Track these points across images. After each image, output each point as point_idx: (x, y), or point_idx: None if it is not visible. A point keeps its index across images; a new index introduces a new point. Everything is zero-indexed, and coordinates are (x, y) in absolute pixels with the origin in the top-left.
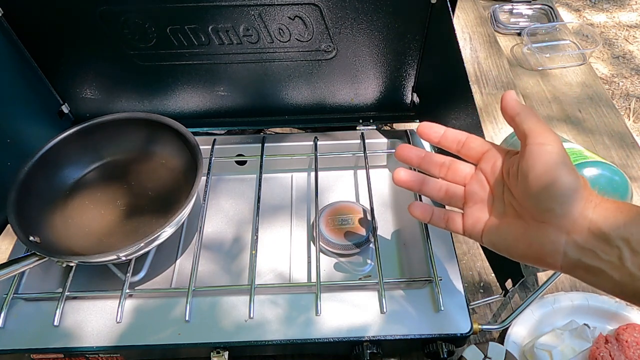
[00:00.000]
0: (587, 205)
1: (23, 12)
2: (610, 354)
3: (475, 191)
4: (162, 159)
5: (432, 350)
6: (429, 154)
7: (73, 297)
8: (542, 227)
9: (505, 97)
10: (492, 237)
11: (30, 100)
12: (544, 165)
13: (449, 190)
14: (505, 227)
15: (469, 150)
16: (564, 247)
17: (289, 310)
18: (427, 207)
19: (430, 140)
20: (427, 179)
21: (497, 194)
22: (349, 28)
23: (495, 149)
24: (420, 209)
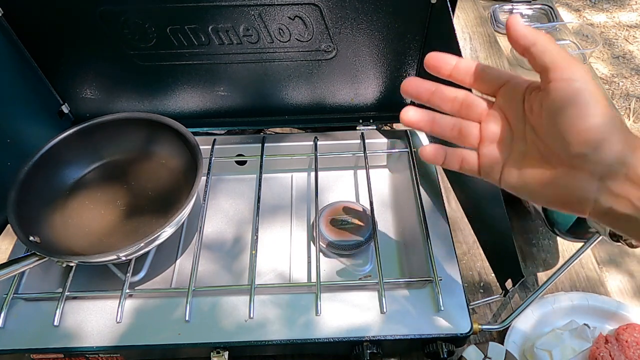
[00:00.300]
0: (625, 149)
1: (23, 12)
2: (610, 354)
3: (492, 129)
4: (162, 159)
5: (432, 350)
6: (440, 87)
7: (73, 297)
8: (572, 173)
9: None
10: (512, 180)
11: (30, 100)
12: (573, 106)
13: (463, 128)
14: (528, 171)
15: (484, 83)
16: (595, 195)
17: (289, 310)
18: (439, 148)
19: (440, 73)
20: (438, 117)
21: (518, 132)
22: (349, 28)
23: (515, 81)
24: (431, 151)
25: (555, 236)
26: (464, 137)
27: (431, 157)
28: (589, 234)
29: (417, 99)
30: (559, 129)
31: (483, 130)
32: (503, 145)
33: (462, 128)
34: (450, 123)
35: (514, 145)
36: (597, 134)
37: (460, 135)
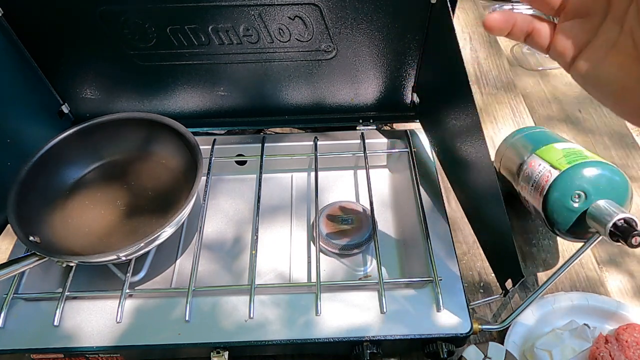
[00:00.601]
0: None
1: (23, 12)
2: (610, 354)
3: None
4: (162, 159)
5: (432, 350)
6: None
7: (73, 297)
8: None
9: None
10: (587, 70)
11: (30, 100)
12: None
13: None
14: (612, 67)
15: None
16: None
17: (289, 310)
18: (509, 16)
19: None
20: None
21: (617, 11)
22: (349, 28)
23: None
24: (498, 18)
25: (555, 236)
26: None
27: (496, 23)
28: (589, 234)
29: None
30: None
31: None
32: (591, 24)
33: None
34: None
35: (606, 27)
36: None
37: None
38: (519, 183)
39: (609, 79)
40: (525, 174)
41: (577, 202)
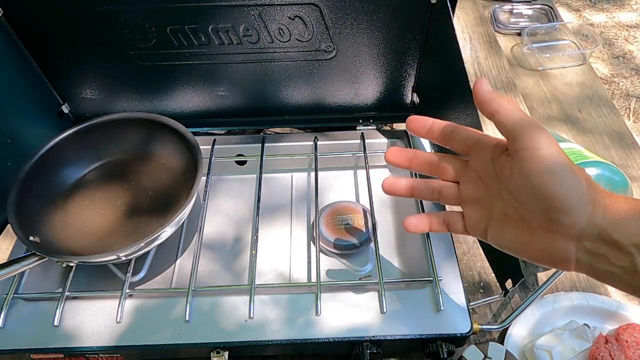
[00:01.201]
0: (595, 211)
1: (23, 12)
2: (610, 354)
3: (469, 190)
4: (162, 159)
5: (432, 350)
6: (417, 153)
7: (73, 297)
8: (549, 236)
9: (477, 89)
10: (497, 239)
11: (30, 100)
12: (540, 175)
13: (443, 191)
14: (511, 231)
15: (456, 144)
16: (575, 254)
17: (289, 310)
18: (423, 219)
19: (419, 134)
20: (417, 183)
21: (495, 192)
22: (349, 28)
23: (483, 142)
24: (415, 223)
25: None
26: (445, 199)
27: (414, 227)
28: None
29: (399, 167)
30: (529, 195)
31: (462, 190)
32: (484, 205)
33: (442, 190)
34: (430, 187)
35: (494, 204)
36: (566, 199)
37: (442, 198)
38: None
39: (512, 241)
40: None
41: None
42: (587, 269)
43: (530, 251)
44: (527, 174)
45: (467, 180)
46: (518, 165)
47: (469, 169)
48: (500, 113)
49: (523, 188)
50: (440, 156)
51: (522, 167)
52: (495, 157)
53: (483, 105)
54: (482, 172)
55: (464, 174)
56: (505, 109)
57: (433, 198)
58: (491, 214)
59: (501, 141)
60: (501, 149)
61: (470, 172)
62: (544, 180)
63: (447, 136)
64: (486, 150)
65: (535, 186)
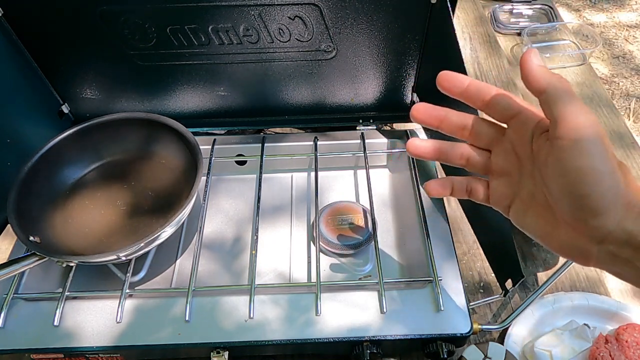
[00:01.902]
0: (627, 215)
1: (23, 12)
2: (610, 354)
3: (500, 162)
4: (162, 159)
5: (432, 350)
6: (448, 114)
7: (73, 297)
8: (574, 233)
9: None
10: (519, 220)
11: (30, 100)
12: (577, 172)
13: (471, 158)
14: (534, 216)
15: (495, 111)
16: (596, 254)
17: (289, 310)
18: (446, 181)
19: (452, 92)
20: (445, 146)
21: (527, 171)
22: (349, 28)
23: (525, 115)
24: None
25: None
26: (472, 166)
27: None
28: None
29: (427, 125)
30: (562, 188)
31: (493, 161)
32: (512, 181)
33: (471, 157)
34: (458, 152)
35: (523, 183)
36: (600, 201)
37: (469, 165)
38: None
39: (532, 226)
40: None
41: None
42: (607, 268)
43: (550, 241)
44: (564, 166)
45: (500, 150)
46: (556, 154)
47: (504, 140)
48: (548, 92)
49: (556, 179)
50: (475, 119)
51: (560, 158)
52: (536, 136)
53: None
54: (518, 147)
55: (498, 144)
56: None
57: (460, 164)
58: (518, 193)
59: (545, 120)
60: (543, 128)
61: (505, 142)
62: (580, 178)
63: (486, 101)
64: (527, 125)
65: (570, 181)
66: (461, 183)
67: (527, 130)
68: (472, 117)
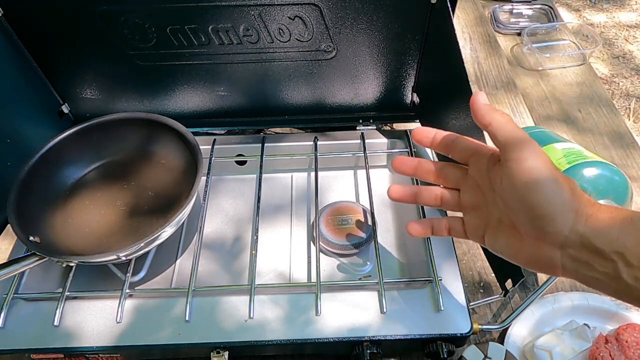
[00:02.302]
0: (578, 220)
1: (23, 12)
2: (610, 354)
3: (468, 198)
4: (162, 159)
5: (432, 350)
6: (420, 162)
7: (73, 297)
8: (536, 243)
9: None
10: (492, 245)
11: (30, 100)
12: (524, 185)
13: (444, 198)
14: (504, 237)
15: (456, 153)
16: (560, 260)
17: (289, 310)
18: (425, 223)
19: (423, 144)
20: (420, 190)
21: (491, 200)
22: (349, 28)
23: (481, 151)
24: (418, 228)
25: None
26: (446, 205)
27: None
28: None
29: (405, 174)
30: (516, 204)
31: (462, 197)
32: (481, 212)
33: (444, 197)
34: (432, 194)
35: (491, 212)
36: (548, 208)
37: (443, 204)
38: None
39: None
40: None
41: None
42: (574, 274)
43: (520, 256)
44: (514, 183)
45: (467, 188)
46: (507, 175)
47: (468, 177)
48: (492, 125)
49: (511, 197)
50: (442, 165)
51: (510, 177)
52: (490, 167)
53: (478, 117)
54: (480, 181)
55: (464, 182)
56: (497, 122)
57: (435, 204)
58: (488, 221)
59: (496, 151)
60: (495, 159)
61: (469, 180)
62: (528, 190)
63: (449, 146)
64: (483, 159)
65: (521, 195)
66: (439, 222)
67: (483, 164)
68: (440, 164)
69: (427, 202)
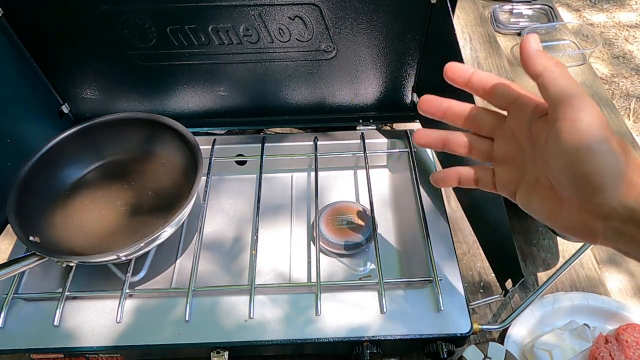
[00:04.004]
0: (629, 192)
1: (23, 12)
2: (610, 354)
3: (503, 149)
4: (162, 159)
5: (432, 350)
6: (452, 103)
7: (73, 297)
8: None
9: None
10: (525, 204)
11: (30, 100)
12: (575, 151)
13: (475, 146)
14: (540, 199)
15: (495, 99)
16: (602, 231)
17: (289, 310)
18: (452, 172)
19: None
20: (449, 135)
21: (529, 155)
22: (349, 28)
23: (523, 101)
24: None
25: (555, 236)
26: (476, 155)
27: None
28: None
29: (432, 116)
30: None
31: (496, 148)
32: (516, 166)
33: (474, 145)
34: (462, 141)
35: (527, 168)
36: (600, 179)
37: (473, 154)
38: None
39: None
40: None
41: None
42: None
43: (557, 222)
44: (562, 146)
45: (502, 138)
46: (555, 135)
47: (505, 127)
48: (544, 76)
49: (557, 160)
50: (476, 109)
51: (559, 138)
52: (534, 120)
53: (527, 64)
54: (518, 133)
55: (499, 131)
56: (550, 72)
57: (464, 152)
58: (522, 177)
59: (542, 103)
60: (541, 112)
61: (505, 129)
62: (578, 157)
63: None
64: (525, 110)
65: (570, 161)
66: (468, 172)
67: (525, 115)
68: (474, 107)
69: (457, 148)
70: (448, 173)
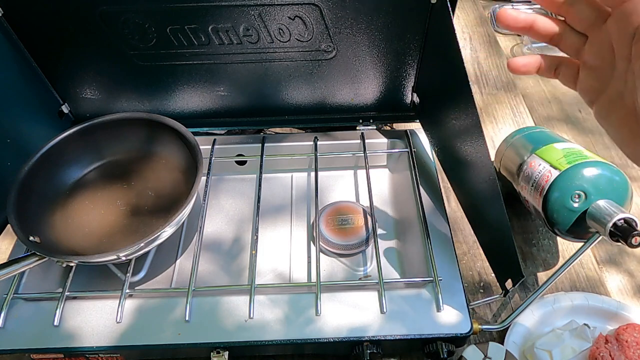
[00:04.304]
0: None
1: (23, 12)
2: (610, 354)
3: (594, 52)
4: (162, 159)
5: (432, 350)
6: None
7: (73, 297)
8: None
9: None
10: (602, 118)
11: (30, 100)
12: None
13: (566, 37)
14: (619, 118)
15: None
16: None
17: (289, 310)
18: (534, 59)
19: None
20: (539, 19)
21: (620, 69)
22: (349, 28)
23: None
24: (525, 63)
25: (555, 236)
26: (564, 45)
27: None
28: (589, 234)
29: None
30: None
31: (587, 49)
32: (602, 75)
33: (565, 35)
34: (552, 28)
35: (614, 82)
36: None
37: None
38: (519, 183)
39: (614, 129)
40: (525, 174)
41: (577, 202)
42: None
43: (629, 147)
44: None
45: (597, 40)
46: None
47: (603, 30)
48: None
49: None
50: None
51: None
52: (638, 38)
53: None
54: (617, 43)
55: (596, 32)
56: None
57: (552, 41)
58: (606, 90)
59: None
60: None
61: (603, 33)
62: None
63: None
64: (632, 20)
65: None
66: (551, 62)
67: (630, 26)
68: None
69: (544, 33)
70: (529, 59)
